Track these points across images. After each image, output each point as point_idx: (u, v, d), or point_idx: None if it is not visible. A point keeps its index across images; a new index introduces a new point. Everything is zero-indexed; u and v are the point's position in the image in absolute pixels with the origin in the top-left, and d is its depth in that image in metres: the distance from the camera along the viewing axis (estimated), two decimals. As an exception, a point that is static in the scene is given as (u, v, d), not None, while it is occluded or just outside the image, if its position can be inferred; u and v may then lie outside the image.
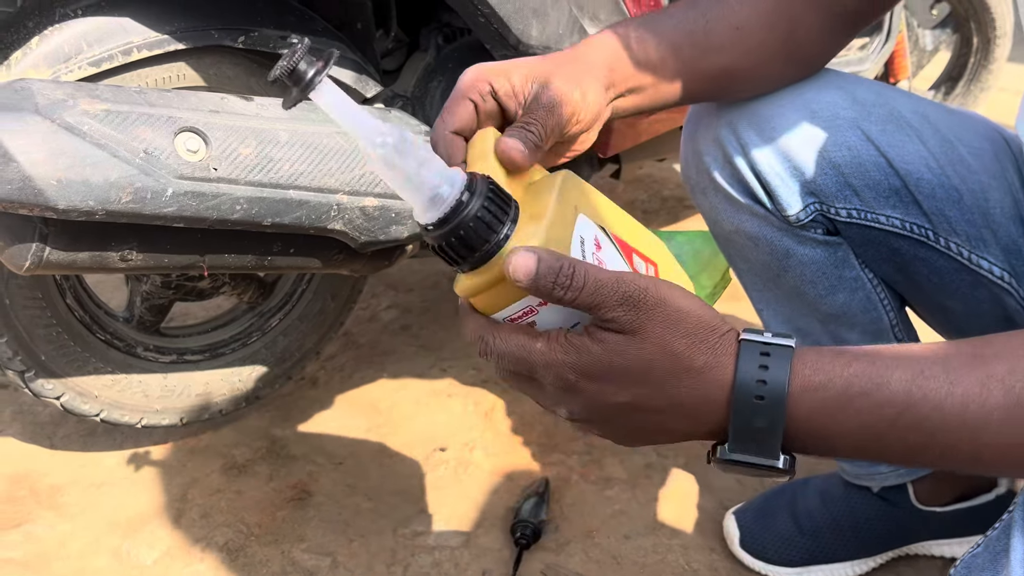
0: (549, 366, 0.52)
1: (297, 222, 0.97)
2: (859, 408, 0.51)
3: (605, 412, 0.54)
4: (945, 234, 0.89)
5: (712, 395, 0.52)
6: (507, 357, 0.54)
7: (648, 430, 0.55)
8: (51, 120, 0.81)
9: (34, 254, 0.87)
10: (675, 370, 0.52)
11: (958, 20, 2.40)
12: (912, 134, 0.89)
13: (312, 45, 0.49)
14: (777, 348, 0.52)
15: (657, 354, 0.51)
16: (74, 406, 1.21)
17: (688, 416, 0.53)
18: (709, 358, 0.52)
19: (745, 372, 0.51)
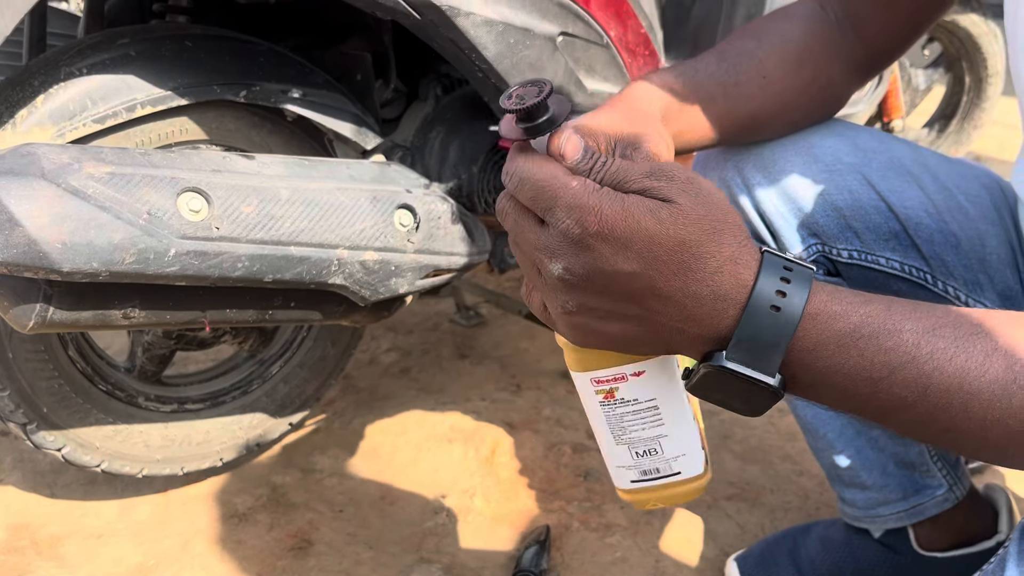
0: (573, 208, 0.48)
1: (298, 278, 0.98)
2: (863, 349, 0.50)
3: (602, 280, 0.49)
4: (943, 277, 0.91)
5: (728, 292, 0.49)
6: (530, 183, 0.50)
7: (634, 319, 0.51)
8: (56, 184, 0.82)
9: (38, 314, 0.88)
10: (702, 252, 0.49)
11: (950, 60, 2.43)
12: (912, 180, 0.91)
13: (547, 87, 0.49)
14: (799, 268, 0.51)
15: (690, 228, 0.48)
16: (75, 457, 1.22)
17: (693, 309, 0.50)
18: (735, 250, 0.50)
19: (767, 279, 0.49)
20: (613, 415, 0.59)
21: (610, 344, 0.53)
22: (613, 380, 0.56)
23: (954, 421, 0.49)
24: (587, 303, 0.51)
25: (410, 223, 1.07)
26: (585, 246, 0.49)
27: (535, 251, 0.51)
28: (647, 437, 0.60)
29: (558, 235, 0.49)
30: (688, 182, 0.50)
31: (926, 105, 2.61)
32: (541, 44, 1.15)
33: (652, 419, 0.59)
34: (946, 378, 0.49)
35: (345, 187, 1.03)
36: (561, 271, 0.50)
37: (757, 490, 1.39)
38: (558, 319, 0.54)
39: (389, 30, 1.29)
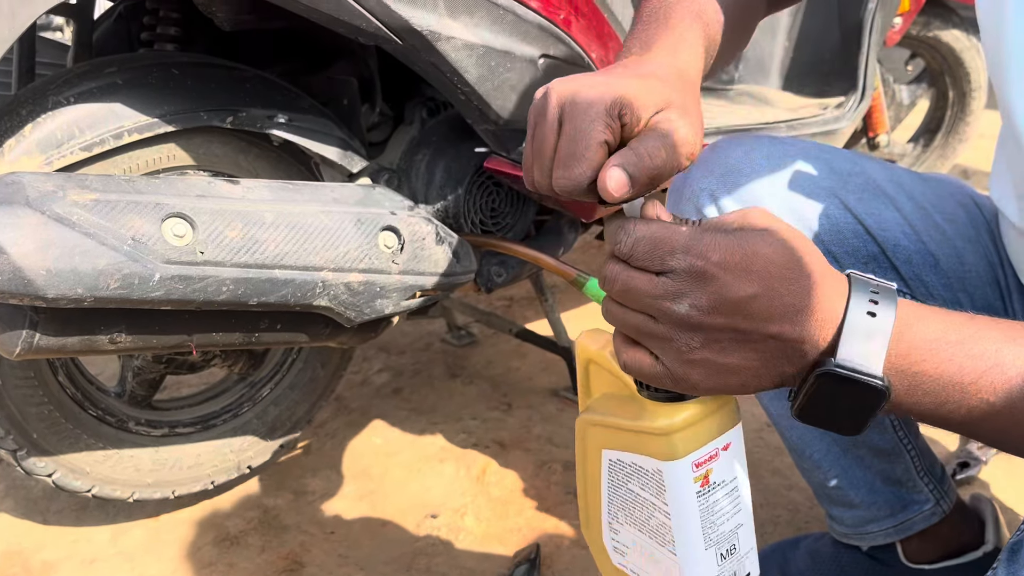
0: (690, 249, 0.52)
1: (283, 300, 0.99)
2: (952, 354, 0.53)
3: (728, 308, 0.52)
4: (923, 297, 0.91)
5: (832, 301, 0.54)
6: (645, 239, 0.53)
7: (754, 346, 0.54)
8: (41, 212, 0.83)
9: (24, 340, 0.89)
10: (805, 268, 0.53)
11: (933, 75, 2.46)
12: (888, 202, 0.92)
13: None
14: (883, 284, 0.55)
15: (791, 248, 0.53)
16: (66, 483, 1.22)
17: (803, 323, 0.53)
18: (827, 266, 0.55)
19: (858, 290, 0.54)
20: (707, 507, 0.58)
21: (728, 378, 0.55)
22: (709, 460, 0.57)
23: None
24: (712, 336, 0.53)
25: (394, 244, 1.08)
26: (710, 276, 0.52)
27: (654, 302, 0.54)
28: (730, 530, 0.60)
29: (681, 275, 0.53)
30: (771, 216, 0.55)
31: (911, 119, 2.64)
32: (522, 67, 1.17)
33: (735, 503, 0.60)
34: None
35: (329, 210, 1.04)
36: (687, 309, 0.53)
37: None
38: (676, 364, 0.55)
39: (374, 55, 1.31)
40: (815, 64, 1.98)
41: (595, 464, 0.65)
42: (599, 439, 0.63)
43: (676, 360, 0.55)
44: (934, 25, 2.28)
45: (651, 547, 0.62)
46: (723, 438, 0.58)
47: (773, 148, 0.94)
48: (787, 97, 1.99)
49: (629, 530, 0.64)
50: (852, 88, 1.87)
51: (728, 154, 0.94)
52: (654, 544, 0.61)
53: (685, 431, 0.57)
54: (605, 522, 0.67)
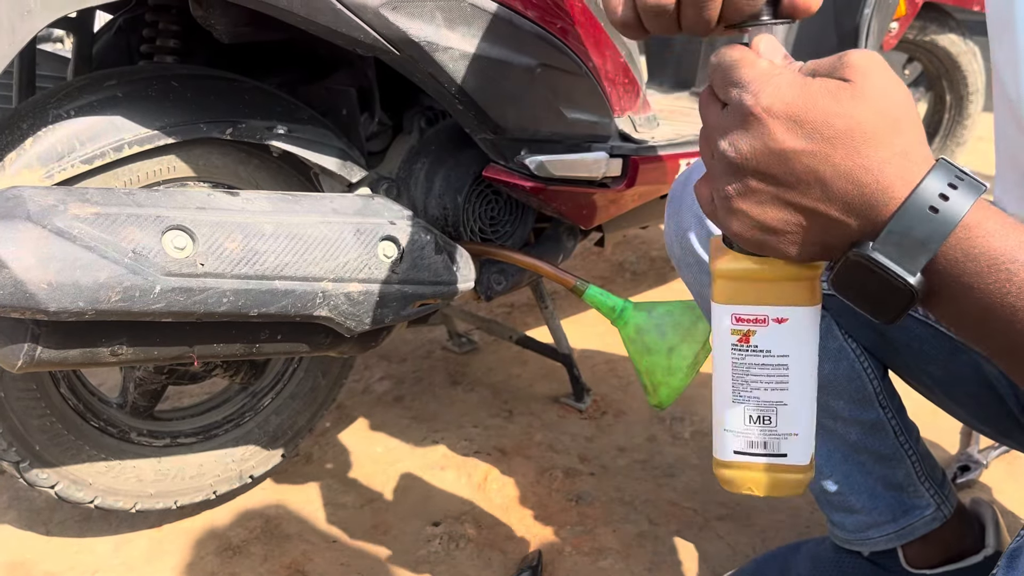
0: (754, 81, 0.49)
1: (283, 311, 0.99)
2: (1013, 274, 0.47)
3: (768, 158, 0.49)
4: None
5: (893, 184, 0.48)
6: (724, 64, 0.51)
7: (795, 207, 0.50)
8: (42, 226, 0.84)
9: (26, 353, 0.89)
10: (875, 139, 0.48)
11: (930, 79, 2.46)
12: None
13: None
14: (971, 180, 0.49)
15: (868, 113, 0.48)
16: (68, 494, 1.23)
17: (855, 197, 0.48)
18: (909, 145, 0.49)
19: (933, 181, 0.48)
20: (741, 364, 0.57)
21: (767, 237, 0.52)
22: (754, 321, 0.55)
23: None
24: (750, 184, 0.51)
25: (394, 254, 1.08)
26: (756, 119, 0.49)
27: (711, 132, 0.52)
28: (767, 400, 0.58)
29: (734, 109, 0.50)
30: (876, 67, 0.49)
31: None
32: (520, 76, 1.17)
33: (778, 379, 0.57)
34: None
35: (329, 220, 1.04)
36: (727, 147, 0.50)
37: (748, 510, 1.40)
38: (720, 206, 0.53)
39: (373, 65, 1.32)
40: (812, 69, 1.98)
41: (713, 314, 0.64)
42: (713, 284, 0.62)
43: (720, 202, 0.53)
44: (930, 29, 2.29)
45: (714, 385, 0.61)
46: (779, 309, 0.56)
47: None
48: (785, 102, 1.99)
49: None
50: (849, 93, 1.87)
51: None
52: (714, 381, 0.61)
53: (732, 281, 0.56)
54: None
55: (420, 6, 1.04)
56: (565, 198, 1.35)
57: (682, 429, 1.63)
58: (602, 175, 1.34)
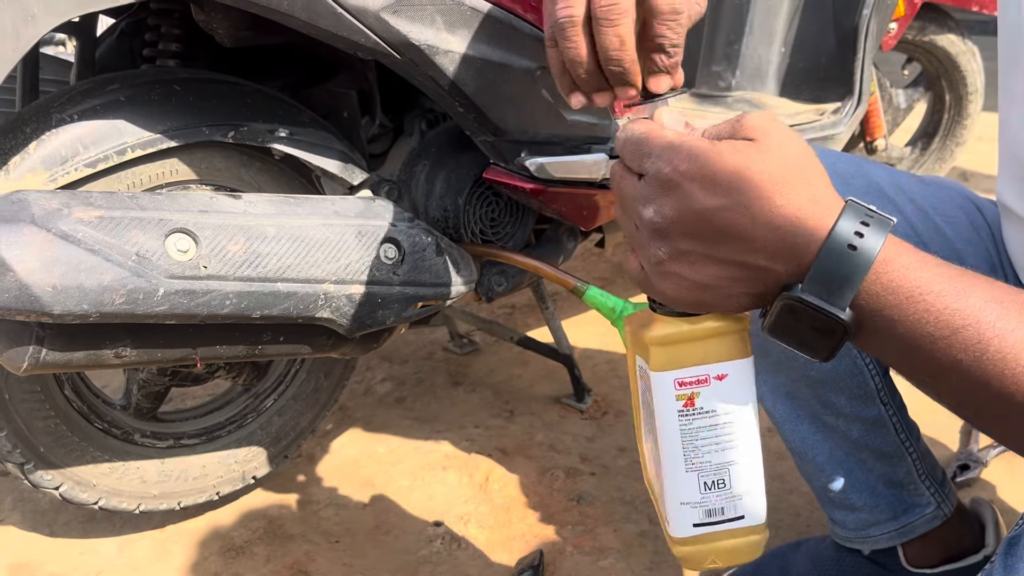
0: (666, 150, 0.52)
1: (286, 313, 1.00)
2: (931, 304, 0.50)
3: (693, 219, 0.51)
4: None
5: (811, 229, 0.51)
6: (633, 138, 0.54)
7: (725, 262, 0.53)
8: (46, 229, 0.84)
9: (31, 356, 0.90)
10: (786, 188, 0.51)
11: (930, 79, 2.47)
12: (890, 204, 0.93)
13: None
14: (879, 217, 0.52)
15: (776, 165, 0.51)
16: (73, 495, 1.23)
17: (777, 244, 0.51)
18: (818, 192, 0.52)
19: (847, 221, 0.51)
20: (689, 429, 0.58)
21: (703, 295, 0.54)
22: (697, 382, 0.56)
23: (1005, 391, 0.50)
24: (678, 246, 0.53)
25: (395, 256, 1.09)
26: (675, 185, 0.51)
27: (632, 203, 0.54)
28: (719, 463, 0.58)
29: (652, 179, 0.53)
30: (774, 125, 0.52)
31: (909, 123, 2.65)
32: (520, 78, 1.18)
33: (727, 438, 0.58)
34: (1006, 347, 0.49)
35: (331, 223, 1.05)
36: (652, 214, 0.53)
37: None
38: (652, 274, 0.55)
39: (373, 68, 1.33)
40: (811, 70, 1.99)
41: (633, 369, 0.65)
42: (631, 341, 0.64)
43: (652, 269, 0.55)
44: (929, 29, 2.29)
45: (657, 456, 0.62)
46: (718, 367, 0.57)
47: None
48: (784, 103, 2.00)
49: (650, 439, 0.64)
50: (848, 93, 1.88)
51: None
52: (657, 454, 0.61)
53: (671, 346, 0.57)
54: (643, 428, 0.67)
55: (420, 10, 1.05)
56: (565, 199, 1.35)
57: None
58: (602, 176, 1.35)
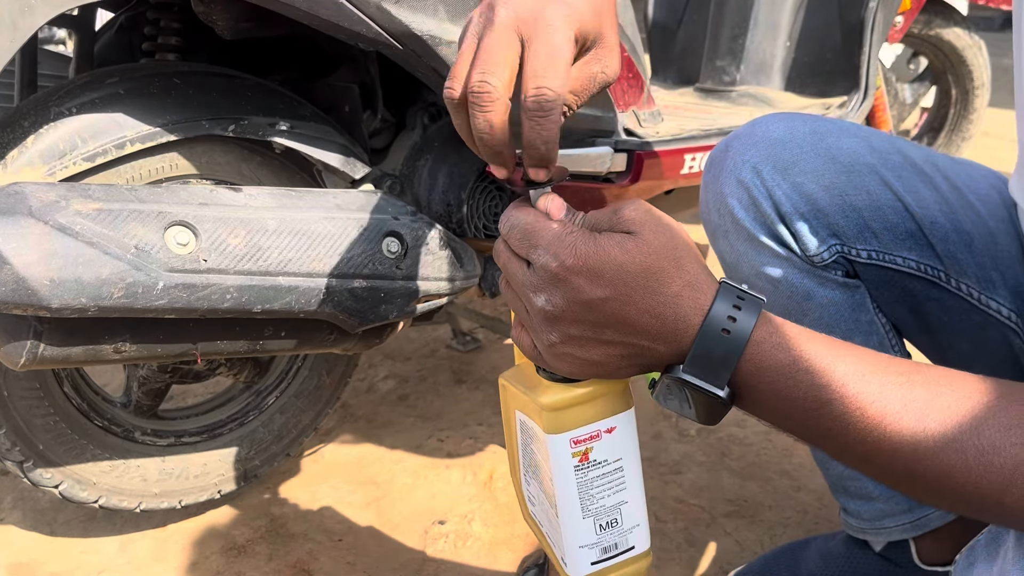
0: (552, 244, 0.55)
1: (287, 307, 0.99)
2: (799, 381, 0.55)
3: (579, 309, 0.55)
4: (956, 275, 0.92)
5: (687, 314, 0.55)
6: (519, 228, 0.57)
7: (612, 343, 0.56)
8: (44, 222, 0.83)
9: (29, 351, 0.89)
10: (664, 277, 0.54)
11: (936, 73, 2.45)
12: (926, 180, 0.93)
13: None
14: (750, 298, 0.56)
15: (653, 257, 0.54)
16: (72, 494, 1.22)
17: (659, 329, 0.55)
18: (693, 277, 0.55)
19: (721, 305, 0.55)
20: (585, 481, 0.62)
21: (594, 370, 0.58)
22: (589, 439, 0.61)
23: (869, 455, 0.56)
24: (569, 332, 0.56)
25: (398, 250, 1.08)
26: (563, 279, 0.55)
27: (522, 288, 0.57)
28: (611, 505, 0.63)
29: (540, 270, 0.56)
30: (648, 215, 0.56)
31: (915, 118, 2.63)
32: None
33: (617, 482, 0.63)
34: (867, 420, 0.54)
35: (332, 216, 1.04)
36: (543, 303, 0.56)
37: (755, 507, 1.39)
38: (545, 353, 0.58)
39: (375, 61, 1.31)
40: (817, 64, 1.97)
41: (511, 421, 0.69)
42: (513, 399, 0.67)
43: (545, 350, 0.58)
44: (935, 23, 2.28)
45: (546, 505, 0.66)
46: (607, 421, 0.61)
47: (816, 124, 0.96)
48: (790, 97, 1.98)
49: (535, 486, 0.68)
50: (855, 87, 1.87)
51: (771, 128, 0.96)
52: (548, 503, 0.65)
53: (565, 410, 0.60)
54: (522, 473, 0.72)
55: (422, 0, 1.03)
56: (570, 194, 1.34)
57: (688, 426, 1.63)
58: (607, 170, 1.33)
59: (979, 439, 0.52)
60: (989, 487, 0.52)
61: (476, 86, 0.56)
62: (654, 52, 2.27)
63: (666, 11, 2.24)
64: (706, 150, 1.52)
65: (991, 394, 0.54)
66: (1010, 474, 0.51)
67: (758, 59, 2.04)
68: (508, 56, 0.57)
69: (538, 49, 0.56)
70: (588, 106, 1.28)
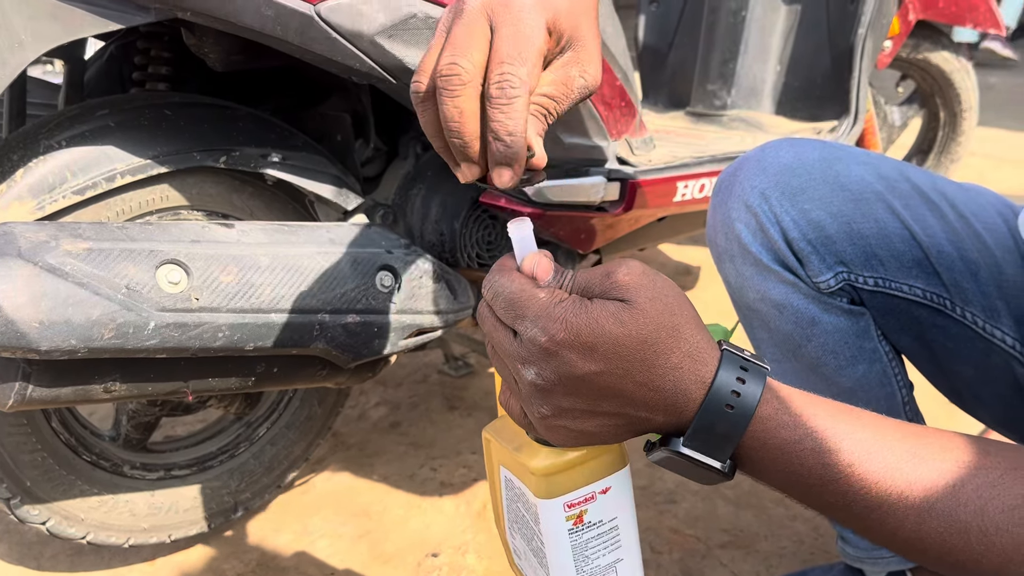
0: (540, 317, 0.51)
1: (280, 344, 0.98)
2: (804, 459, 0.54)
3: (573, 383, 0.52)
4: (962, 304, 0.92)
5: (688, 387, 0.52)
6: (503, 296, 0.53)
7: (607, 414, 0.53)
8: (33, 263, 0.82)
9: (17, 392, 0.87)
10: (662, 348, 0.51)
11: (924, 96, 2.47)
12: (933, 209, 0.93)
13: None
14: (755, 367, 0.54)
15: (650, 327, 0.51)
16: (60, 530, 1.20)
17: (657, 402, 0.52)
18: (693, 346, 0.53)
19: (724, 377, 0.52)
20: (580, 543, 0.60)
21: (588, 439, 0.56)
22: (584, 501, 0.58)
23: (871, 528, 0.55)
24: (562, 405, 0.53)
25: (391, 284, 1.07)
26: (553, 353, 0.51)
27: (510, 359, 0.54)
28: (607, 563, 0.61)
29: (528, 343, 0.52)
30: (643, 280, 0.52)
31: (904, 138, 2.64)
32: (517, 102, 1.16)
33: (613, 541, 0.61)
34: (871, 498, 0.54)
35: (325, 251, 1.03)
36: (534, 376, 0.52)
37: (751, 537, 1.38)
38: (537, 424, 0.55)
39: (367, 90, 1.31)
40: (807, 88, 1.98)
41: (495, 474, 0.67)
42: (498, 454, 0.65)
43: (537, 422, 0.55)
44: (924, 47, 2.29)
45: (534, 562, 0.64)
46: (602, 483, 0.59)
47: (825, 151, 0.96)
48: (780, 122, 1.99)
49: (520, 541, 0.66)
50: (845, 112, 1.87)
51: (780, 154, 0.96)
52: (536, 561, 0.63)
53: (559, 475, 0.58)
54: (506, 525, 0.69)
55: (416, 34, 1.03)
56: (563, 223, 1.33)
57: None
58: (600, 199, 1.33)
59: (983, 520, 0.52)
60: (989, 564, 0.52)
61: (444, 68, 0.52)
62: (644, 75, 2.27)
63: (656, 34, 2.25)
64: (699, 177, 1.52)
65: (997, 469, 0.54)
66: (1011, 553, 0.51)
67: (749, 83, 2.05)
68: (478, 40, 0.53)
69: (505, 33, 0.53)
70: (580, 135, 1.28)
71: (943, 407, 1.05)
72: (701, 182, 1.52)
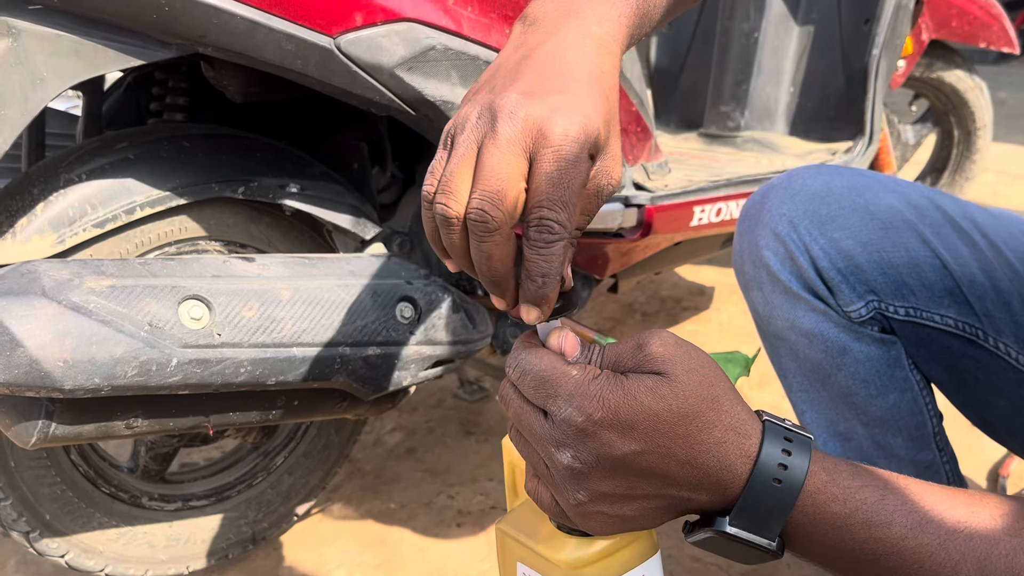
0: (575, 395, 0.48)
1: (301, 378, 0.97)
2: (855, 534, 0.51)
3: (611, 464, 0.49)
4: (994, 334, 0.91)
5: (733, 463, 0.50)
6: (532, 374, 0.50)
7: (647, 497, 0.51)
8: (57, 301, 0.82)
9: (40, 431, 0.87)
10: (703, 423, 0.49)
11: (937, 114, 2.46)
12: (964, 237, 0.92)
13: None
14: (799, 437, 0.52)
15: (690, 401, 0.49)
16: (79, 563, 1.20)
17: (701, 480, 0.50)
18: (734, 418, 0.50)
19: (769, 450, 0.50)
20: None
21: (627, 525, 0.53)
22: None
23: None
24: (599, 489, 0.50)
25: (411, 315, 1.06)
26: (591, 434, 0.48)
27: (541, 442, 0.51)
28: None
29: (563, 424, 0.49)
30: (678, 351, 0.50)
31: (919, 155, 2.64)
32: (535, 130, 1.16)
33: None
34: (924, 571, 0.52)
35: (346, 283, 1.03)
36: (570, 460, 0.49)
37: (773, 567, 1.36)
38: (571, 512, 0.52)
39: (384, 118, 1.31)
40: (821, 109, 1.98)
41: (511, 570, 0.62)
42: (515, 550, 0.60)
43: (569, 507, 0.52)
44: (937, 66, 2.29)
45: None
46: (634, 572, 0.56)
47: (854, 178, 0.95)
48: (794, 143, 1.99)
49: None
50: (860, 133, 1.87)
51: (809, 181, 0.95)
52: None
53: (590, 567, 0.55)
54: None
55: (435, 65, 1.03)
56: (580, 250, 1.33)
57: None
58: (617, 226, 1.33)
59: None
60: None
61: (474, 213, 0.49)
62: (657, 96, 2.28)
63: (668, 55, 2.25)
64: (715, 201, 1.51)
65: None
66: None
67: (762, 104, 2.05)
68: (511, 178, 0.49)
69: (545, 170, 0.49)
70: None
71: (964, 431, 1.03)
72: (717, 206, 1.52)
